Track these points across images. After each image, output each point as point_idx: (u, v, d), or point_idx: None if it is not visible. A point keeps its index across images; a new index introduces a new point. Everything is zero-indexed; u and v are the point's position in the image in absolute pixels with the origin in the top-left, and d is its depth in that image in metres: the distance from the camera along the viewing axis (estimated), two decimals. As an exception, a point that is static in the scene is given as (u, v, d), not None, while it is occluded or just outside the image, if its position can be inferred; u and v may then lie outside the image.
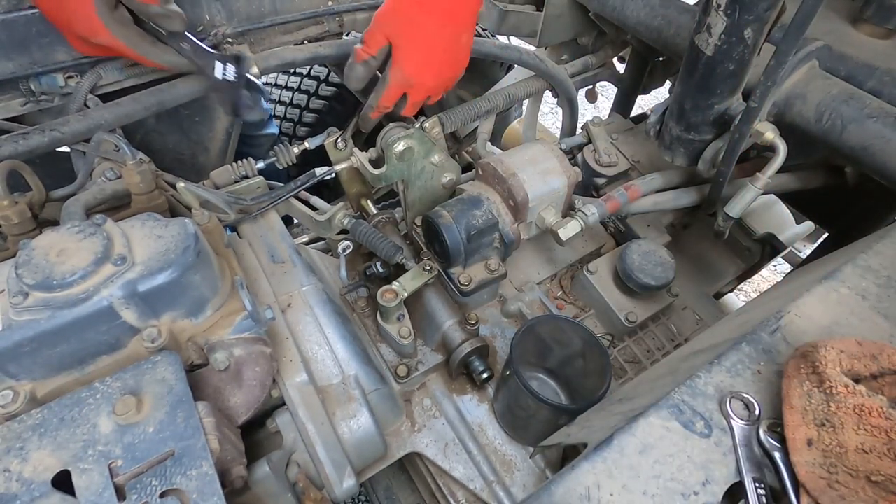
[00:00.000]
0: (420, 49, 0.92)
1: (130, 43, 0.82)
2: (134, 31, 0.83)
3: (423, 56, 0.92)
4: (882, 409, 0.48)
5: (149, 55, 0.86)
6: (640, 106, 1.77)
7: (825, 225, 1.41)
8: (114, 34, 0.79)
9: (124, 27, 0.81)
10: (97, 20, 0.77)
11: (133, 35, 0.83)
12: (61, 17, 0.79)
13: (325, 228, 1.10)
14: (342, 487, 0.82)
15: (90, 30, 0.78)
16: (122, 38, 0.81)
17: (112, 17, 0.79)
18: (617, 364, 1.11)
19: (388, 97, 0.96)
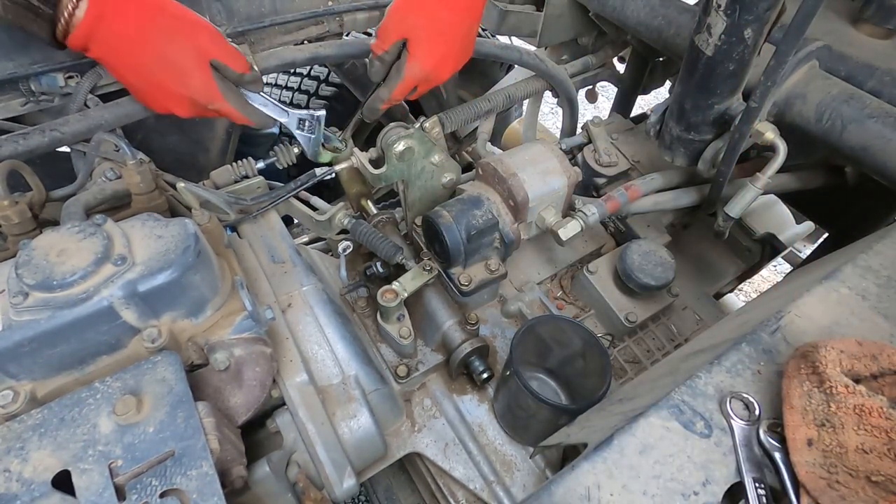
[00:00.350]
0: (440, 44, 0.92)
1: (237, 105, 0.90)
2: (237, 94, 0.91)
3: (443, 51, 0.92)
4: (882, 409, 0.48)
5: (250, 116, 0.93)
6: (640, 106, 1.77)
7: (825, 225, 1.41)
8: (226, 99, 0.87)
9: (232, 92, 0.89)
10: (215, 87, 0.85)
11: (237, 98, 0.90)
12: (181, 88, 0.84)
13: (325, 228, 1.10)
14: (342, 487, 0.82)
15: (209, 97, 0.85)
16: (232, 103, 0.88)
17: (223, 84, 0.87)
18: (617, 364, 1.11)
19: (403, 90, 0.96)
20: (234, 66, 0.86)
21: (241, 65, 0.88)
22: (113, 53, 0.82)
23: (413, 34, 0.91)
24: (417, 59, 0.92)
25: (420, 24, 0.90)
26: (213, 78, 0.85)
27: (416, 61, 0.92)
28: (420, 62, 0.92)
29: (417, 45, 0.91)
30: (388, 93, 0.97)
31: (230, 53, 0.86)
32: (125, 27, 0.79)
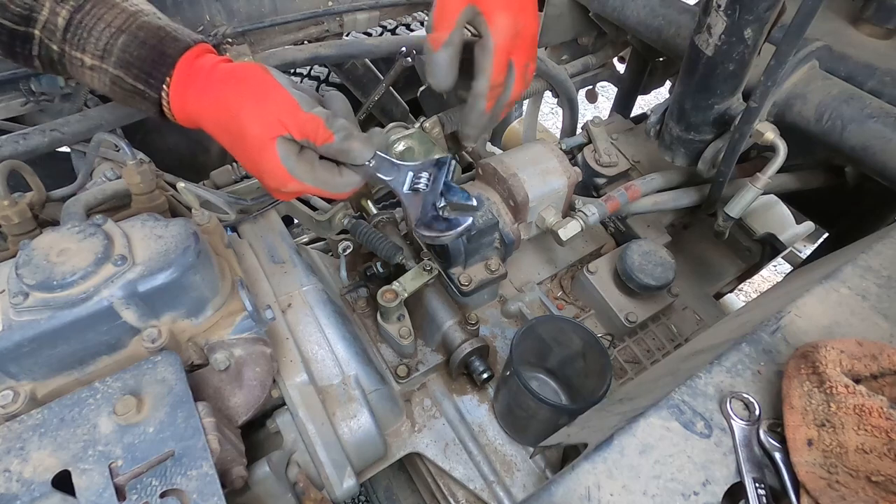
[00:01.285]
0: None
1: (318, 183, 0.73)
2: (321, 169, 0.74)
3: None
4: (882, 410, 0.48)
5: (338, 189, 0.75)
6: (640, 106, 1.77)
7: (825, 225, 1.41)
8: (301, 180, 0.72)
9: (311, 168, 0.72)
10: (283, 171, 0.70)
11: (321, 173, 0.73)
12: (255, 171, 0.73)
13: (325, 228, 1.10)
14: (342, 487, 0.82)
15: (279, 181, 0.72)
16: (310, 182, 0.72)
17: (297, 163, 0.71)
18: (617, 364, 1.11)
19: (499, 67, 0.76)
20: (310, 138, 0.70)
21: (319, 136, 0.70)
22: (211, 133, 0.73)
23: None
24: (501, 14, 0.73)
25: None
26: (279, 158, 0.69)
27: (497, 17, 0.73)
28: (505, 16, 0.73)
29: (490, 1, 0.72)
30: (486, 79, 0.76)
31: (303, 125, 0.69)
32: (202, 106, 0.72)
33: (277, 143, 0.69)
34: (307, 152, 0.72)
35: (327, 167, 0.74)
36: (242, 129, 0.69)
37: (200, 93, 0.72)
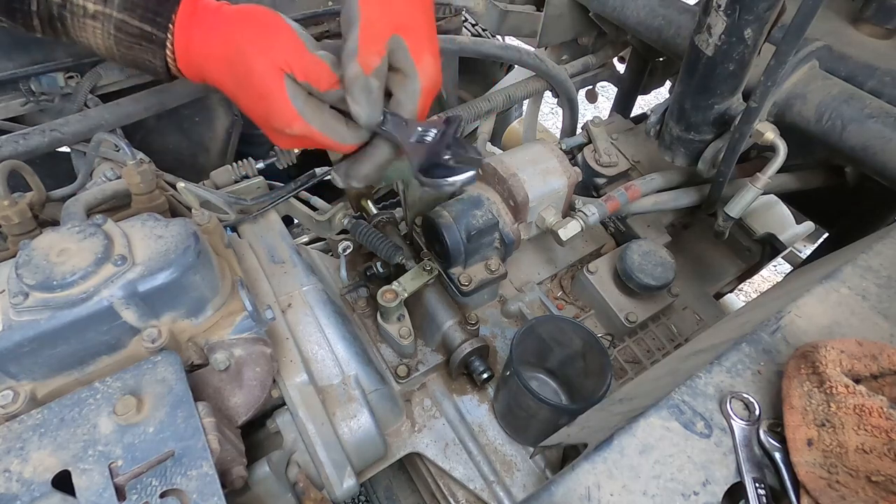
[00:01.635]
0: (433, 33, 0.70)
1: (326, 129, 0.70)
2: (329, 115, 0.71)
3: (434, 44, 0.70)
4: (882, 410, 0.48)
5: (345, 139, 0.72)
6: (640, 106, 1.77)
7: (825, 225, 1.41)
8: (308, 121, 0.68)
9: (320, 113, 0.70)
10: (291, 109, 0.67)
11: (329, 119, 0.71)
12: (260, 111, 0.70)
13: (325, 228, 1.10)
14: (342, 487, 0.82)
15: (285, 121, 0.69)
16: (318, 125, 0.69)
17: (306, 103, 0.68)
18: (617, 364, 1.11)
19: (424, 105, 0.71)
20: (312, 81, 0.67)
21: (322, 80, 0.67)
22: (216, 78, 0.71)
23: (409, 23, 0.68)
24: (424, 56, 0.68)
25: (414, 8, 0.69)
26: (287, 95, 0.66)
27: (424, 59, 0.68)
28: (427, 60, 0.68)
29: (418, 38, 0.68)
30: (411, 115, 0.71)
31: (307, 66, 0.66)
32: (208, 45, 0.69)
33: (286, 80, 0.66)
34: (315, 98, 0.69)
35: (335, 115, 0.71)
36: (249, 65, 0.66)
37: (207, 31, 0.70)
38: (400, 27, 0.67)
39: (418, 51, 0.68)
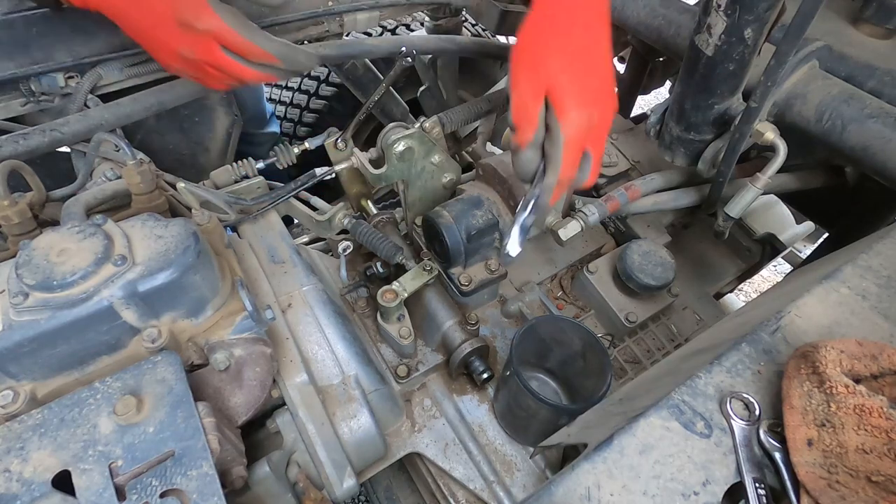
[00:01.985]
0: (588, 72, 0.68)
1: (236, 25, 0.72)
2: (238, 14, 0.74)
3: (596, 84, 0.69)
4: (882, 410, 0.48)
5: (255, 40, 0.74)
6: (640, 106, 1.77)
7: (825, 225, 1.41)
8: (221, 17, 0.70)
9: (228, 10, 0.72)
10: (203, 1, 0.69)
11: (238, 17, 0.73)
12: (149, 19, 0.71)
13: (325, 229, 1.10)
14: (342, 487, 0.82)
15: (195, 13, 0.68)
16: (229, 20, 0.71)
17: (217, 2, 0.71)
18: (617, 364, 1.11)
19: (570, 161, 0.70)
20: None
21: None
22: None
23: (555, 78, 0.67)
24: (573, 108, 0.67)
25: (559, 60, 0.67)
26: None
27: (571, 111, 0.67)
28: (577, 110, 0.67)
29: (565, 90, 0.67)
30: (554, 175, 0.70)
31: None
32: None
33: None
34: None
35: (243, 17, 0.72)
36: None
37: None
38: (549, 89, 0.67)
39: (561, 106, 0.67)
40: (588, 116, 0.68)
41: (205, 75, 0.85)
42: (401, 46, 1.17)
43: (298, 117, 1.97)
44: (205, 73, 0.84)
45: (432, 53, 1.60)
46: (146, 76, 1.08)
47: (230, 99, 1.31)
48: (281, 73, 0.89)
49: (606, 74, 0.70)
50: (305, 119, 1.96)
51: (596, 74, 0.69)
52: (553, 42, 0.67)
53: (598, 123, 0.70)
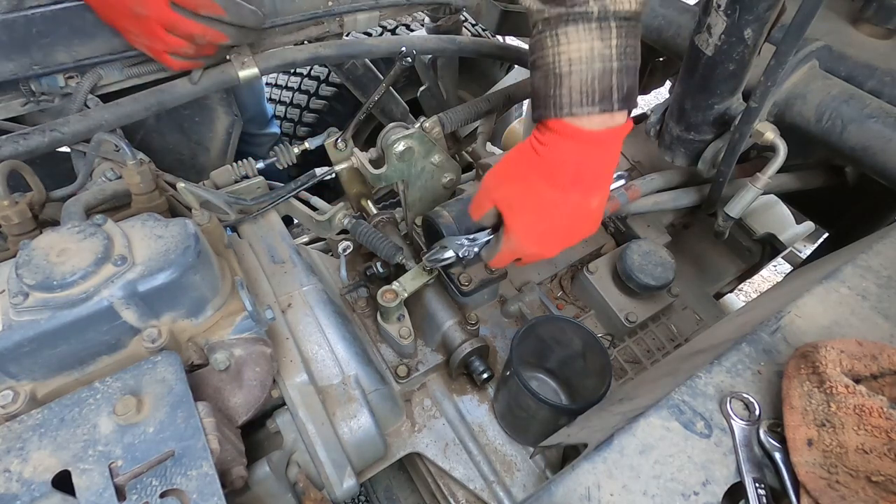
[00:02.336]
0: (537, 221, 0.76)
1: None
2: None
3: (544, 228, 0.76)
4: (882, 410, 0.48)
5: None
6: (640, 106, 1.77)
7: (825, 225, 1.41)
8: None
9: None
10: None
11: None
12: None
13: (325, 229, 1.10)
14: (342, 487, 0.82)
15: None
16: None
17: None
18: (617, 364, 1.11)
19: (500, 261, 0.84)
20: None
21: None
22: None
23: (507, 206, 0.77)
24: (512, 234, 0.78)
25: (514, 195, 0.76)
26: None
27: (509, 236, 0.78)
28: (514, 238, 0.78)
29: (510, 218, 0.77)
30: (488, 259, 0.86)
31: None
32: None
33: None
34: None
35: None
36: None
37: None
38: (500, 204, 0.78)
39: (510, 228, 0.78)
40: (523, 248, 0.79)
41: (156, 39, 0.92)
42: (401, 46, 1.17)
43: (298, 117, 1.97)
44: (155, 36, 0.92)
45: (432, 53, 1.60)
46: (146, 76, 1.08)
47: (230, 99, 1.31)
48: (229, 28, 0.97)
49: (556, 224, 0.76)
50: (305, 119, 1.96)
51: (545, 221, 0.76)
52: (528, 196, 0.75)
53: (531, 256, 0.81)
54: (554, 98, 0.69)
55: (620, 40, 0.67)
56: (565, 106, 0.68)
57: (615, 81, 0.68)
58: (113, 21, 0.93)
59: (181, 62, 1.00)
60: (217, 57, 1.07)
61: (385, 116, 1.65)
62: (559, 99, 0.69)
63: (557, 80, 0.68)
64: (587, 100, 0.68)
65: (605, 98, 0.68)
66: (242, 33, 1.01)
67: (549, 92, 0.70)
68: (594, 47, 0.66)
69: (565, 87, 0.68)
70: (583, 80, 0.67)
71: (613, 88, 0.68)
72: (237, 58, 1.11)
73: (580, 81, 0.67)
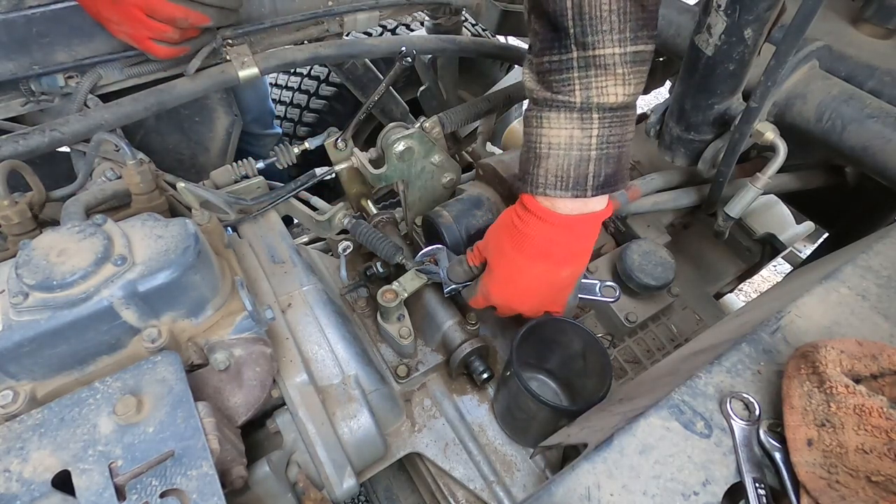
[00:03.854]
0: (506, 281, 0.84)
1: None
2: None
3: (511, 287, 0.85)
4: (882, 410, 0.48)
5: None
6: (640, 106, 1.77)
7: (825, 225, 1.41)
8: None
9: None
10: None
11: None
12: None
13: (325, 228, 1.10)
14: (342, 487, 0.82)
15: None
16: None
17: None
18: (617, 364, 1.11)
19: (476, 304, 0.93)
20: None
21: None
22: None
23: (490, 261, 0.86)
24: (486, 282, 0.87)
25: (493, 255, 0.85)
26: None
27: (485, 283, 0.87)
28: (488, 286, 0.87)
29: (489, 272, 0.87)
30: (467, 297, 0.94)
31: None
32: None
33: None
34: None
35: None
36: None
37: None
38: (487, 258, 0.86)
39: (486, 278, 0.87)
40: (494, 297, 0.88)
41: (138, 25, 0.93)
42: (401, 46, 1.17)
43: (298, 117, 1.97)
44: (137, 21, 0.92)
45: (432, 53, 1.60)
46: (146, 76, 1.08)
47: (230, 99, 1.31)
48: (209, 10, 0.98)
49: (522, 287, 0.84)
50: (305, 119, 1.96)
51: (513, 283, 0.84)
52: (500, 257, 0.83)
53: (501, 307, 0.89)
54: (532, 175, 0.73)
55: (603, 130, 0.68)
56: (540, 186, 0.72)
57: (591, 170, 0.70)
58: (95, 12, 0.93)
59: (166, 49, 0.99)
60: (203, 42, 1.06)
61: (385, 116, 1.65)
62: (536, 178, 0.72)
63: (536, 160, 0.72)
64: (561, 184, 0.71)
65: (579, 185, 0.70)
66: (223, 14, 1.02)
67: (528, 168, 0.74)
68: (573, 136, 0.69)
69: (542, 168, 0.71)
70: (559, 164, 0.70)
71: (589, 176, 0.70)
72: (237, 58, 1.11)
73: (556, 166, 0.70)
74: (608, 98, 0.66)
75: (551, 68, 0.67)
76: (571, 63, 0.65)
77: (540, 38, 0.67)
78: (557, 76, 0.67)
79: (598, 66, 0.65)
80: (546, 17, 0.65)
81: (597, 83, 0.65)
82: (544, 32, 0.66)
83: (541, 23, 0.66)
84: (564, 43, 0.65)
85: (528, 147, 0.74)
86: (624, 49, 0.64)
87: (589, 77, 0.65)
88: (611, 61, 0.64)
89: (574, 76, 0.66)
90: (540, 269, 0.79)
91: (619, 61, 0.64)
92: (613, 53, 0.64)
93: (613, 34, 0.63)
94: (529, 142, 0.73)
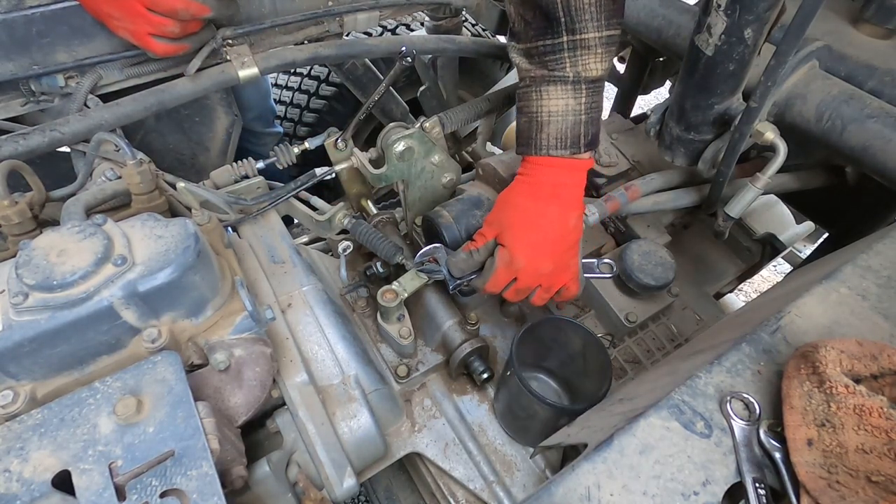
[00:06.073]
0: (526, 232, 0.86)
1: None
2: None
3: (534, 238, 0.86)
4: (882, 410, 0.48)
5: None
6: (640, 106, 1.77)
7: (825, 225, 1.41)
8: None
9: None
10: None
11: None
12: None
13: (325, 228, 1.10)
14: (342, 487, 0.82)
15: None
16: None
17: None
18: (617, 364, 1.11)
19: (495, 283, 0.90)
20: None
21: None
22: None
23: (503, 225, 0.88)
24: (508, 246, 0.87)
25: (506, 216, 0.88)
26: None
27: (506, 249, 0.87)
28: (510, 249, 0.87)
29: (507, 235, 0.88)
30: (482, 284, 0.91)
31: None
32: None
33: None
34: None
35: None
36: None
37: None
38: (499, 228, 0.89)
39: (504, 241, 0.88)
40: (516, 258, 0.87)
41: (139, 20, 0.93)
42: (401, 46, 1.17)
43: (298, 117, 1.97)
44: (138, 16, 0.93)
45: (432, 53, 1.60)
46: (146, 76, 1.08)
47: (230, 99, 1.31)
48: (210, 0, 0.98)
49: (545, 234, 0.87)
50: (305, 119, 1.96)
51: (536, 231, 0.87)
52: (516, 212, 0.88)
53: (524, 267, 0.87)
54: (536, 140, 0.86)
55: (588, 98, 0.84)
56: (544, 147, 0.85)
57: (583, 131, 0.85)
58: (95, 9, 0.94)
59: (167, 46, 0.99)
60: (203, 41, 1.06)
61: (385, 116, 1.65)
62: (539, 142, 0.86)
63: (539, 127, 0.85)
64: (561, 144, 0.85)
65: (575, 143, 0.85)
66: (224, 4, 1.03)
67: (531, 135, 0.86)
68: (569, 104, 0.84)
69: (545, 132, 0.85)
70: (559, 128, 0.85)
71: (581, 136, 0.85)
72: (237, 58, 1.11)
73: (556, 129, 0.85)
74: (591, 72, 0.82)
75: (545, 50, 0.81)
76: (563, 45, 0.80)
77: (533, 27, 0.81)
78: (552, 56, 0.81)
79: (583, 47, 0.80)
80: (538, 9, 0.79)
81: (583, 61, 0.81)
82: (537, 21, 0.80)
83: (533, 14, 0.80)
84: (556, 30, 0.79)
85: (529, 118, 0.86)
86: (601, 33, 0.79)
87: (577, 56, 0.80)
88: (592, 43, 0.79)
89: (565, 56, 0.81)
90: (554, 211, 0.87)
91: (597, 43, 0.79)
92: (594, 37, 0.79)
93: (593, 21, 0.78)
94: (530, 112, 0.86)
